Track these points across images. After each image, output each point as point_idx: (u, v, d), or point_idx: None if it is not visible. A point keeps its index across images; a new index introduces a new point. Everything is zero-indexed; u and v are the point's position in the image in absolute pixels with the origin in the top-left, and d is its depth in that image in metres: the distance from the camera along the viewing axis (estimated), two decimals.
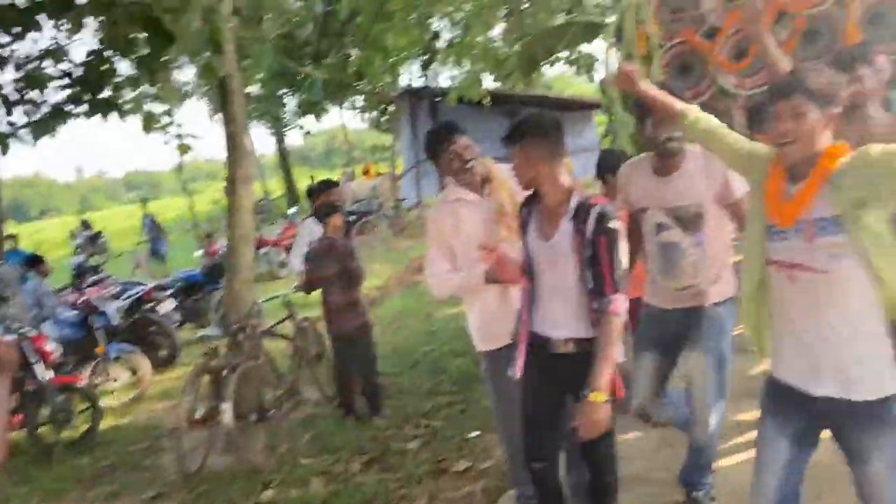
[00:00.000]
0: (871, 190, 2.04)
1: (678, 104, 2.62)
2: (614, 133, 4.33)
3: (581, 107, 21.91)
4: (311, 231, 6.19)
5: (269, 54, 16.31)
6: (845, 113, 3.55)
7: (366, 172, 25.70)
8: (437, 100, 17.86)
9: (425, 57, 18.52)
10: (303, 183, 25.35)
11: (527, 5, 13.75)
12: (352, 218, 16.89)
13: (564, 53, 11.79)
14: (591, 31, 4.84)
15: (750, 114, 4.54)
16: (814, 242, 2.12)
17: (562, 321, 2.76)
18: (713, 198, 3.05)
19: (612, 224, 2.59)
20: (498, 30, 16.40)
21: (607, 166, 4.21)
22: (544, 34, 5.26)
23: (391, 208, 18.21)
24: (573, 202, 2.67)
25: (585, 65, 11.09)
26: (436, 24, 16.33)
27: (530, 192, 2.83)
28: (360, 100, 21.39)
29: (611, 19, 4.48)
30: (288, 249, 11.37)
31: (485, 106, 13.08)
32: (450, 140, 3.25)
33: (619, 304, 2.58)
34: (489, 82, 13.50)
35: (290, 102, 22.71)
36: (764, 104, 4.29)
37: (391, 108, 19.75)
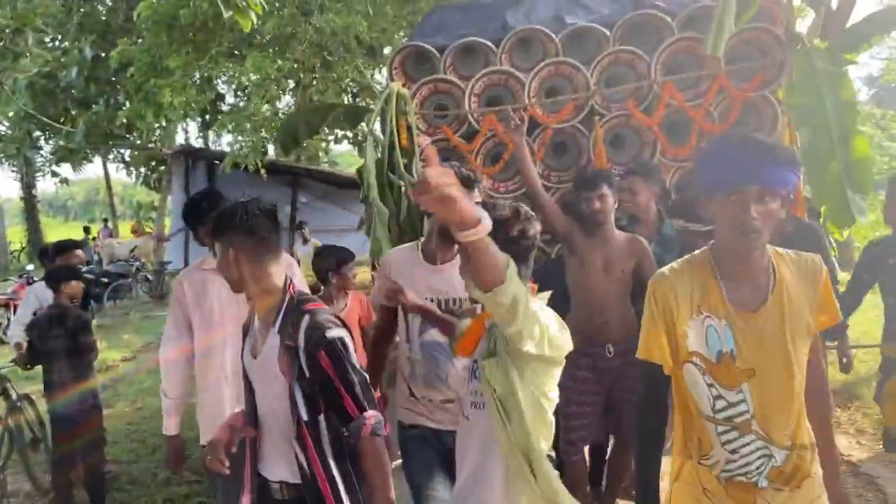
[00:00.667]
0: (501, 343, 2.22)
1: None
2: (369, 223, 4.30)
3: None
4: (38, 296, 5.52)
5: (21, 92, 14.89)
6: (588, 230, 3.87)
7: (134, 231, 23.97)
8: (215, 162, 17.19)
9: (206, 117, 17.92)
10: (54, 234, 23.05)
11: (315, 81, 13.88)
12: (105, 280, 15.52)
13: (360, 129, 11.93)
14: (356, 114, 4.88)
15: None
16: (468, 387, 2.33)
17: (276, 460, 2.31)
18: None
19: (331, 333, 2.16)
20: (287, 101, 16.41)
21: (330, 263, 4.20)
22: (307, 112, 5.23)
23: (152, 272, 16.98)
24: (283, 309, 2.27)
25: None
26: (221, 86, 15.94)
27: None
28: (128, 153, 20.04)
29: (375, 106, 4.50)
30: None
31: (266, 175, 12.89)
32: (210, 211, 3.08)
33: (373, 421, 2.16)
34: (273, 151, 13.33)
35: (47, 147, 20.75)
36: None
37: (162, 167, 18.66)
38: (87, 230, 23.08)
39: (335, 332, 2.17)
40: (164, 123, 13.91)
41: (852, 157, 4.24)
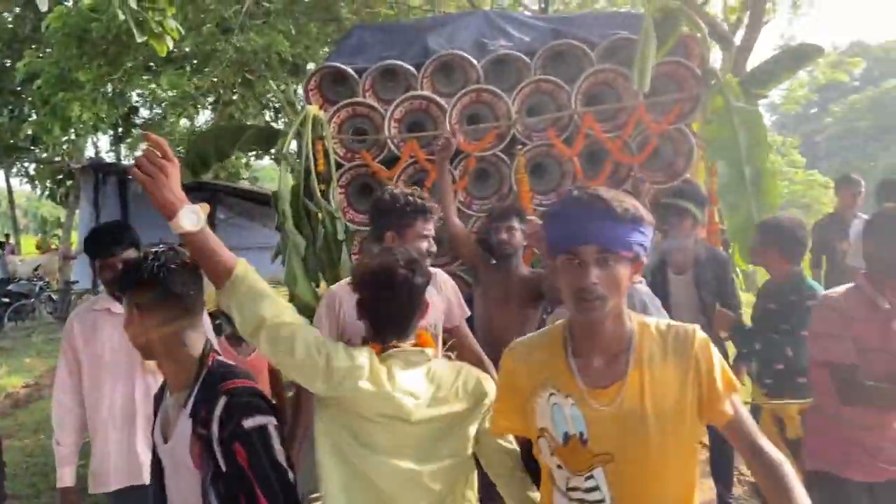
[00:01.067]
0: None
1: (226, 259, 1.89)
2: (284, 251, 4.11)
3: None
4: None
5: None
6: (495, 262, 3.79)
7: (39, 248, 22.77)
8: (128, 177, 16.51)
9: (119, 131, 17.23)
10: None
11: (235, 98, 13.51)
12: (5, 300, 14.64)
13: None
14: (269, 137, 4.69)
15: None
16: None
17: None
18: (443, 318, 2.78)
19: (249, 423, 1.78)
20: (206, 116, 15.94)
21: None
22: (218, 133, 5.00)
23: (57, 291, 16.10)
24: (196, 387, 1.87)
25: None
26: (135, 98, 15.37)
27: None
28: (33, 167, 19.07)
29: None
30: None
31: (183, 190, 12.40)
32: (110, 251, 2.87)
33: None
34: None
35: None
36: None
37: (70, 181, 17.82)
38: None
39: (255, 421, 1.79)
40: (72, 137, 13.28)
41: (763, 198, 4.32)
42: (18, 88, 14.32)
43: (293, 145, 4.58)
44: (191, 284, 1.90)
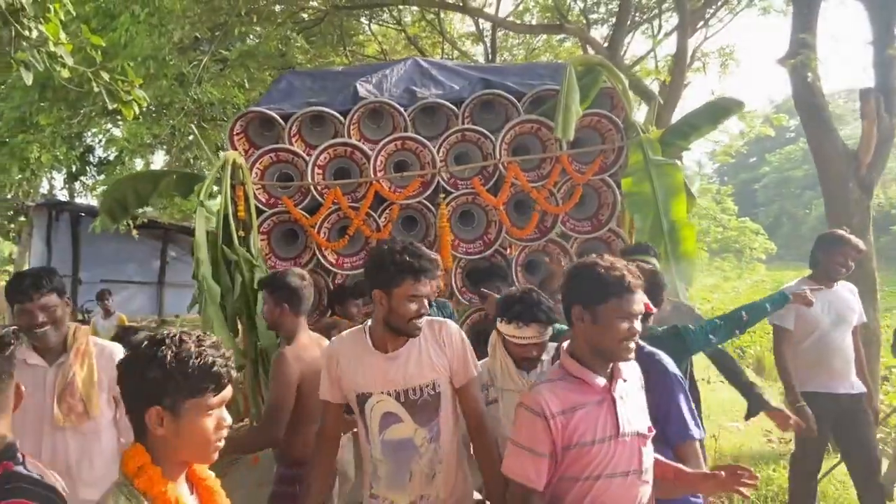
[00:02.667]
0: None
1: None
2: (201, 301, 3.86)
3: None
4: None
5: None
6: None
7: None
8: (81, 215, 16.05)
9: (73, 169, 16.79)
10: None
11: (192, 144, 13.26)
12: None
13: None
14: (188, 182, 4.47)
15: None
16: None
17: None
18: (448, 376, 2.40)
19: None
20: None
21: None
22: (137, 179, 4.76)
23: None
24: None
25: None
26: (90, 138, 15.02)
27: None
28: None
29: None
30: None
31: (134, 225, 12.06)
32: (28, 296, 2.59)
33: None
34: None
35: None
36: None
37: (22, 218, 17.25)
38: None
39: None
40: (27, 176, 12.92)
41: (680, 249, 4.24)
42: None
43: (215, 195, 4.36)
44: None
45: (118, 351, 2.70)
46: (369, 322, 2.40)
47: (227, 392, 1.50)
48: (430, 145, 4.39)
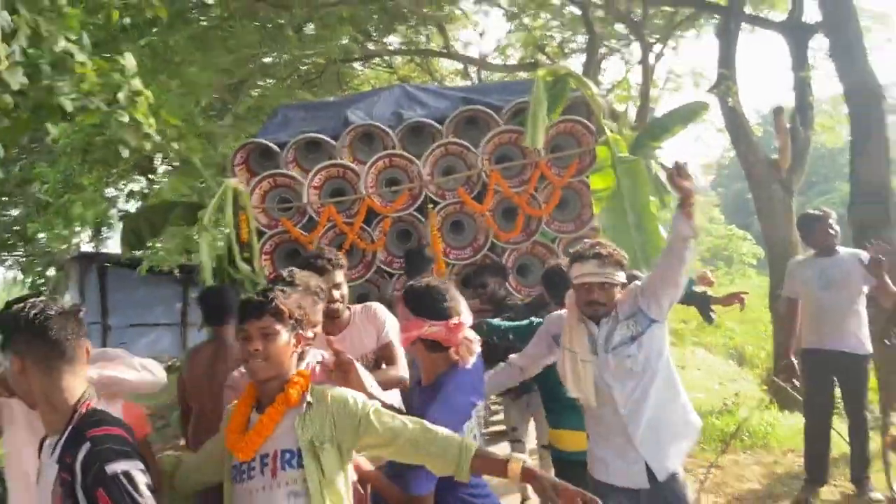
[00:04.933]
0: (330, 429, 1.92)
1: None
2: None
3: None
4: None
5: None
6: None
7: None
8: (106, 265, 16.25)
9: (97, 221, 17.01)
10: None
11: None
12: None
13: None
14: (197, 211, 4.56)
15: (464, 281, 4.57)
16: (276, 478, 1.87)
17: None
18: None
19: (113, 467, 1.61)
20: None
21: None
22: (149, 211, 4.86)
23: None
24: (66, 432, 1.70)
25: None
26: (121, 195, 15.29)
27: None
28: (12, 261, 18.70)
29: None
30: None
31: (155, 272, 12.21)
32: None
33: None
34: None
35: None
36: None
37: (52, 273, 17.48)
38: None
39: (118, 466, 1.61)
40: (72, 233, 13.29)
41: (645, 238, 4.32)
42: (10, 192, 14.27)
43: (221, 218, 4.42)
44: (69, 331, 1.74)
45: None
46: None
47: None
48: (415, 160, 4.46)
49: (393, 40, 14.19)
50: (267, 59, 10.19)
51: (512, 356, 3.03)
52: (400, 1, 10.71)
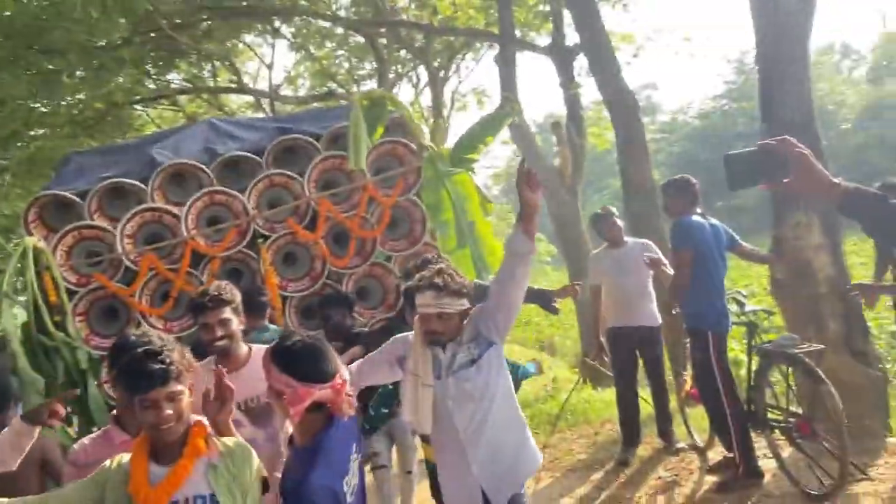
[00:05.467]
0: (238, 479, 2.04)
1: None
2: (22, 394, 3.37)
3: None
4: None
5: None
6: None
7: None
8: None
9: None
10: None
11: None
12: None
13: None
14: None
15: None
16: None
17: None
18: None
19: None
20: None
21: None
22: None
23: None
24: None
25: None
26: None
27: None
28: None
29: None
30: None
31: None
32: None
33: None
34: None
35: None
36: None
37: None
38: None
39: None
40: None
41: (480, 243, 4.49)
42: None
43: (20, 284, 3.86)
44: None
45: None
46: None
47: None
48: (239, 196, 4.23)
49: (175, 77, 13.48)
50: (42, 108, 9.15)
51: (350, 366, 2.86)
52: (178, 38, 10.19)
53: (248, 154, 4.42)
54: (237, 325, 2.84)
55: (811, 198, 1.65)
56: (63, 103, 8.82)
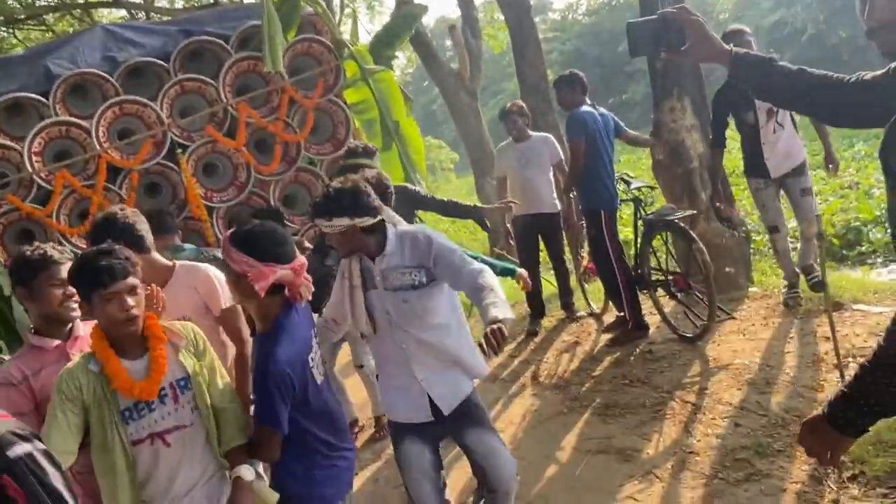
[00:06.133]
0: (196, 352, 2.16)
1: None
2: None
3: None
4: None
5: None
6: None
7: None
8: None
9: None
10: None
11: None
12: None
13: None
14: None
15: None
16: (179, 402, 2.06)
17: None
18: (196, 311, 2.64)
19: (16, 450, 1.39)
20: None
21: None
22: None
23: None
24: None
25: None
26: None
27: None
28: None
29: None
30: None
31: None
32: None
33: None
34: None
35: None
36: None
37: None
38: None
39: (21, 449, 1.39)
40: None
41: (407, 142, 4.47)
42: None
43: None
44: None
45: None
46: None
47: None
48: (152, 104, 3.97)
49: None
50: None
51: (324, 310, 2.81)
52: None
53: (155, 60, 4.12)
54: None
55: (707, 61, 1.66)
56: None
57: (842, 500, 2.72)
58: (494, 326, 2.13)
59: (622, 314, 4.94)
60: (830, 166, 4.79)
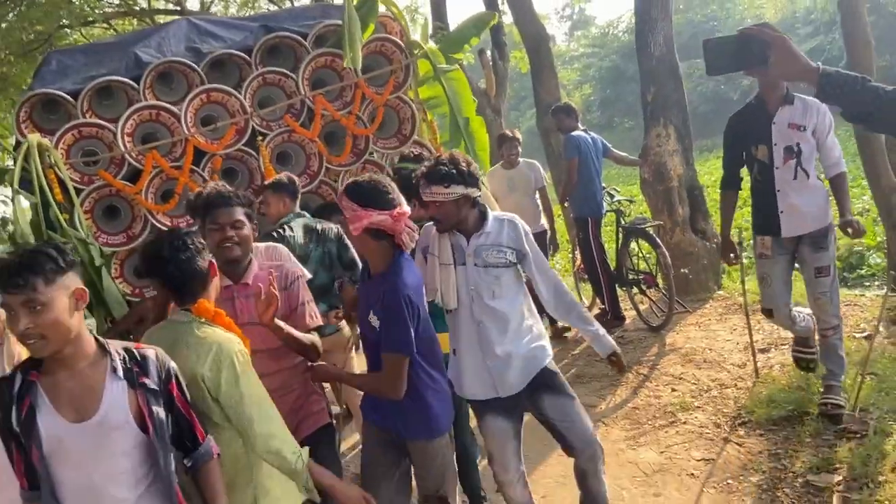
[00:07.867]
0: None
1: None
2: None
3: None
4: None
5: None
6: None
7: None
8: None
9: None
10: None
11: None
12: None
13: None
14: None
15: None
16: None
17: None
18: None
19: (173, 362, 1.93)
20: None
21: None
22: None
23: None
24: (111, 355, 1.77)
25: None
26: None
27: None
28: None
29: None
30: None
31: None
32: None
33: (214, 444, 1.97)
34: None
35: None
36: None
37: None
38: None
39: (169, 360, 1.90)
40: None
41: (475, 139, 4.51)
42: None
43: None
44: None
45: None
46: None
47: None
48: (236, 93, 4.05)
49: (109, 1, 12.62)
50: None
51: None
52: None
53: (238, 52, 4.21)
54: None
55: (792, 80, 1.62)
56: (4, 25, 8.06)
57: (731, 438, 3.71)
58: (614, 358, 2.73)
59: (604, 307, 5.85)
60: (850, 230, 3.41)
